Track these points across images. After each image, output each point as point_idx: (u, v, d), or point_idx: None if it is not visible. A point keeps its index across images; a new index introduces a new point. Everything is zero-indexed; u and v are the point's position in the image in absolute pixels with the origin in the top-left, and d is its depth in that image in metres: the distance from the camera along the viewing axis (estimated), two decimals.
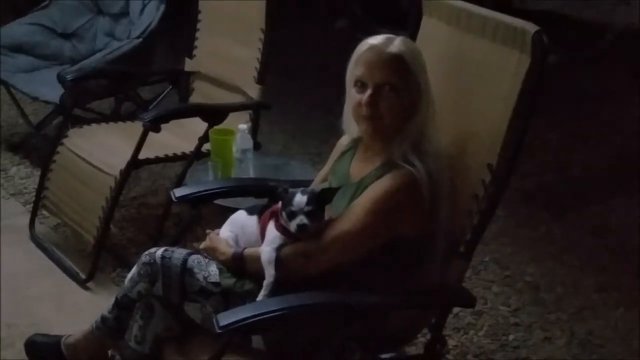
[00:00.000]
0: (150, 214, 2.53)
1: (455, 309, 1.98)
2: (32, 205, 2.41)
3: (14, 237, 2.32)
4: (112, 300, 1.55)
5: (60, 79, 2.35)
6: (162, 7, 2.75)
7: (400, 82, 1.34)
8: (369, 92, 1.34)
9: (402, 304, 1.35)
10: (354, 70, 1.37)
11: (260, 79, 2.25)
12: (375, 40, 1.36)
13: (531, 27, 1.27)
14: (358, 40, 1.40)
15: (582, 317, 2.11)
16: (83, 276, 2.14)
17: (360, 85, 1.36)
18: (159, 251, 1.46)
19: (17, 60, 2.96)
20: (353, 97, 1.37)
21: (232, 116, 2.12)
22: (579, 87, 3.75)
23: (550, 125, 3.13)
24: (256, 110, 2.28)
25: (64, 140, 2.28)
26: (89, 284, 2.12)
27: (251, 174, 1.94)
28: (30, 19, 3.06)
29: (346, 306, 1.28)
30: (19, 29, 3.02)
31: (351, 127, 1.45)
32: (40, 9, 3.07)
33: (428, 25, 1.53)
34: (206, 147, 2.07)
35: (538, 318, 2.10)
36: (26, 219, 2.38)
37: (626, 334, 2.05)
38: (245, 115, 2.26)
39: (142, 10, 2.82)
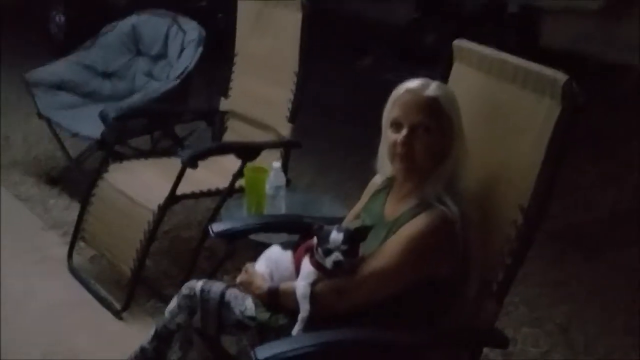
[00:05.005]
0: (183, 247, 2.59)
1: (485, 350, 1.97)
2: (70, 236, 2.47)
3: (53, 268, 2.39)
4: (147, 330, 1.59)
5: (103, 116, 2.45)
6: (200, 50, 2.87)
7: (435, 124, 1.39)
8: (404, 132, 1.39)
9: (436, 343, 1.37)
10: (390, 111, 1.43)
11: (292, 118, 2.32)
12: (412, 84, 1.42)
13: (562, 76, 1.31)
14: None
15: None
16: (118, 307, 2.19)
17: (396, 126, 1.41)
18: (199, 284, 1.50)
19: (59, 98, 3.09)
20: (389, 137, 1.43)
21: (263, 153, 2.19)
22: (603, 127, 3.76)
23: (578, 165, 3.14)
24: (287, 148, 2.35)
25: (105, 175, 2.37)
26: (123, 315, 2.17)
27: (283, 210, 1.99)
28: (72, 58, 3.20)
29: (381, 344, 1.30)
30: (61, 68, 3.16)
31: (385, 167, 1.49)
32: (82, 49, 3.22)
33: (459, 71, 1.59)
34: (238, 183, 2.13)
35: None
36: (64, 251, 2.44)
37: None
38: (276, 152, 2.33)
39: (180, 53, 2.94)
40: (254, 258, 1.55)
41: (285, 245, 1.53)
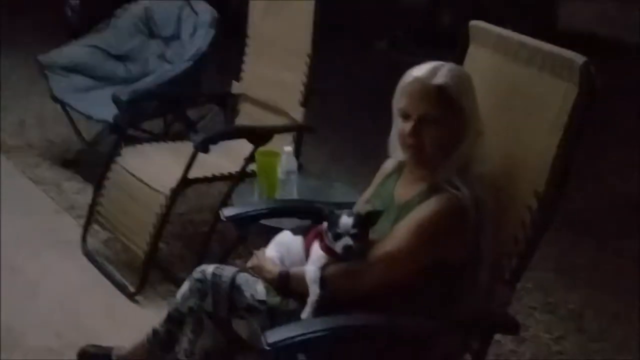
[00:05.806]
0: (195, 231, 2.60)
1: (497, 336, 1.96)
2: (84, 219, 2.49)
3: (67, 251, 2.41)
4: (160, 313, 1.61)
5: (115, 99, 2.45)
6: (212, 32, 2.86)
7: (442, 113, 1.36)
8: (411, 123, 1.37)
9: (446, 328, 1.36)
10: (399, 101, 1.41)
11: (304, 102, 2.31)
12: (420, 71, 1.39)
13: (579, 58, 1.28)
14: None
15: (627, 348, 2.07)
16: (132, 290, 2.21)
17: (405, 116, 1.39)
18: (210, 268, 1.51)
19: (73, 80, 3.10)
20: (398, 125, 1.41)
21: (275, 137, 2.18)
22: (621, 111, 3.70)
23: (594, 150, 3.09)
24: (300, 132, 2.33)
25: (118, 159, 2.38)
26: (137, 298, 2.19)
27: (295, 195, 1.98)
28: (86, 41, 3.20)
29: (391, 329, 1.30)
30: (75, 51, 3.17)
31: (397, 151, 1.48)
32: (96, 32, 3.22)
33: (475, 53, 1.56)
34: (250, 167, 2.13)
35: (581, 347, 2.07)
36: (78, 233, 2.46)
37: None
38: (289, 136, 2.32)
39: (192, 35, 2.93)
40: (265, 243, 1.55)
41: (296, 231, 1.53)
